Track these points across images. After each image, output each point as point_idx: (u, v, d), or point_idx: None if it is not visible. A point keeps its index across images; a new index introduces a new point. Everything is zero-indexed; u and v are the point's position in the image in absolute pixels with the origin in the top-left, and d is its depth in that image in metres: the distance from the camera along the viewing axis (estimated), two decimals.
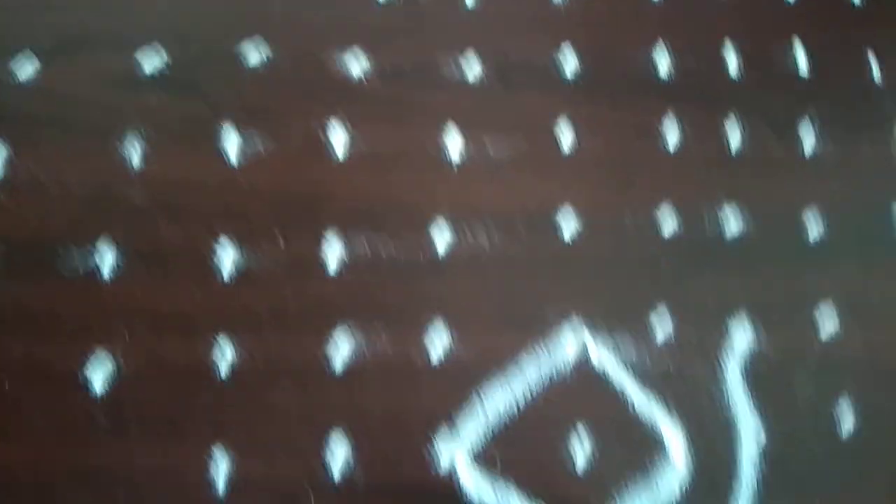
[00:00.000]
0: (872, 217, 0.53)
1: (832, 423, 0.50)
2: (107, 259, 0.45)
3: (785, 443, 0.48)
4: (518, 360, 0.47)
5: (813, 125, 0.54)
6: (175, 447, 0.43)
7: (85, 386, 0.43)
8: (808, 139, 0.54)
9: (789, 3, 0.55)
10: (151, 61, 0.47)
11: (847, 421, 0.50)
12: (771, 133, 0.53)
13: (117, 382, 0.44)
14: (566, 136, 0.51)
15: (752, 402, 0.48)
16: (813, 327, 0.51)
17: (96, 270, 0.45)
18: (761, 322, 0.50)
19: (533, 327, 0.48)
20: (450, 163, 0.50)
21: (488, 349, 0.47)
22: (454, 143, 0.50)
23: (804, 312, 0.51)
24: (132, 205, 0.46)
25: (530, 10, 0.52)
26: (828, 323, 0.51)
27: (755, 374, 0.49)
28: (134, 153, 0.46)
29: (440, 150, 0.50)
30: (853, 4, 0.56)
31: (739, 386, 0.48)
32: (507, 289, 0.48)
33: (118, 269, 0.45)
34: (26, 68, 0.45)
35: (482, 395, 0.46)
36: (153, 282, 0.45)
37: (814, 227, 0.52)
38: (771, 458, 0.48)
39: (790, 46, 0.54)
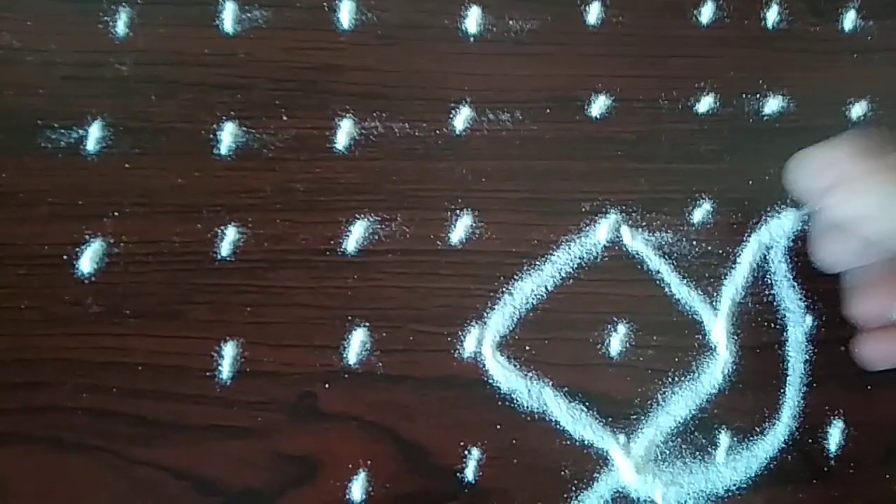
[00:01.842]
0: None
1: None
2: (93, 134, 0.41)
3: (833, 327, 0.44)
4: (547, 246, 0.44)
5: (854, 3, 0.50)
6: (175, 333, 0.40)
7: (72, 269, 0.40)
8: (850, 18, 0.50)
9: None
10: None
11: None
12: (809, 9, 0.50)
13: (111, 268, 0.40)
14: (593, 9, 0.47)
15: (797, 286, 0.45)
16: None
17: (82, 146, 0.41)
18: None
19: (562, 212, 0.44)
20: (467, 36, 0.46)
21: (515, 235, 0.44)
22: (471, 16, 0.46)
23: None
24: (123, 80, 0.42)
25: None
26: None
27: (800, 257, 0.45)
28: (120, 23, 0.43)
29: (456, 23, 0.46)
30: None
31: (784, 270, 0.45)
32: (533, 170, 0.45)
33: (106, 146, 0.41)
34: None
35: (509, 282, 0.43)
36: (145, 158, 0.41)
37: (857, 108, 0.49)
38: (819, 343, 0.44)
39: None
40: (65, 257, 0.40)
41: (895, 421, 0.45)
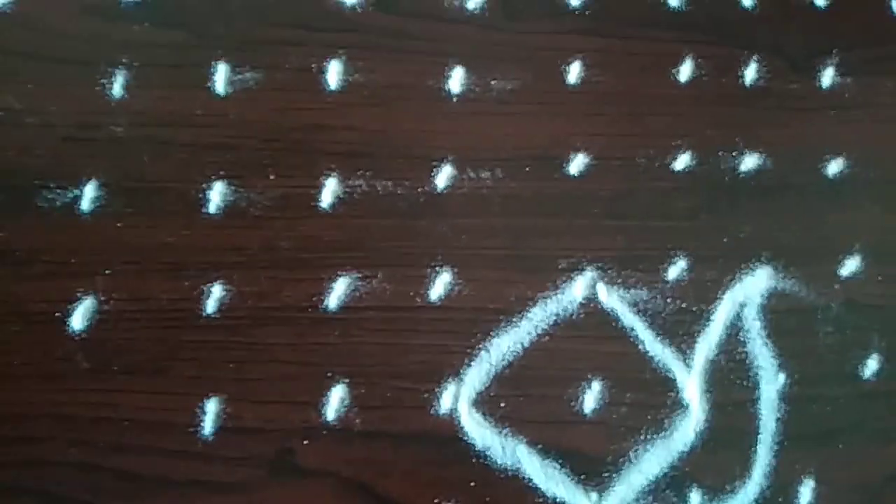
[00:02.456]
0: (894, 154, 0.51)
1: (854, 366, 0.47)
2: (90, 196, 0.43)
3: (805, 385, 0.45)
4: (523, 303, 0.45)
5: (832, 60, 0.51)
6: (161, 389, 0.41)
7: (65, 325, 0.41)
8: (828, 75, 0.51)
9: None
10: None
11: (870, 364, 0.47)
12: (788, 67, 0.51)
13: (99, 322, 0.42)
14: (574, 69, 0.49)
15: (770, 344, 0.46)
16: (834, 269, 0.48)
17: (79, 208, 0.43)
18: (779, 261, 0.48)
19: (539, 269, 0.46)
20: (450, 96, 0.47)
21: (492, 291, 0.45)
22: (456, 79, 0.47)
23: (825, 254, 0.48)
24: (115, 138, 0.44)
25: None
26: (849, 265, 0.48)
27: (774, 317, 0.46)
28: (117, 85, 0.44)
29: (440, 84, 0.47)
30: None
31: (757, 328, 0.46)
32: (511, 227, 0.46)
33: (100, 205, 0.43)
34: None
35: (486, 339, 0.44)
36: (137, 217, 0.43)
37: (834, 167, 0.50)
38: (791, 403, 0.45)
39: None
40: (58, 314, 0.41)
41: (865, 480, 0.46)
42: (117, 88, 0.44)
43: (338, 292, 0.44)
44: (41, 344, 0.41)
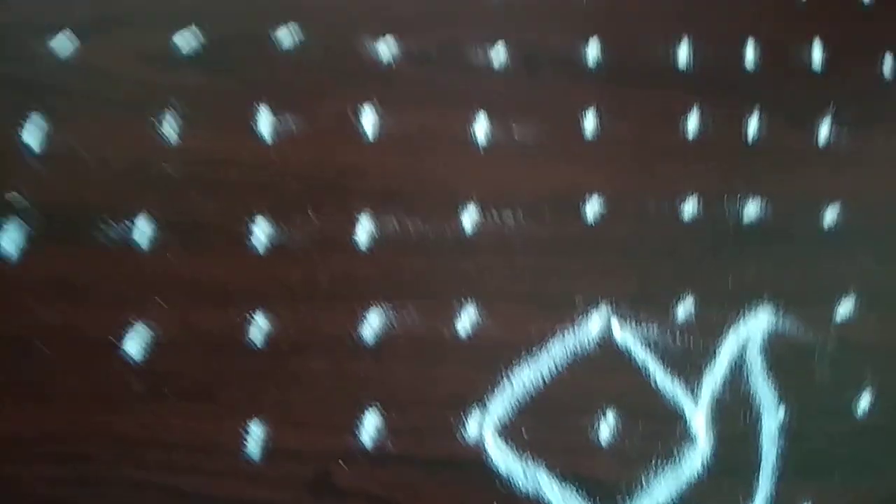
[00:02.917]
0: (886, 206, 0.55)
1: (849, 402, 0.51)
2: (143, 230, 0.46)
3: (804, 421, 0.49)
4: (543, 337, 0.48)
5: (828, 117, 0.55)
6: (210, 416, 0.44)
7: (121, 353, 0.44)
8: (824, 130, 0.55)
9: (805, 1, 0.57)
10: (188, 42, 0.48)
11: (863, 401, 0.51)
12: (787, 124, 0.55)
13: (153, 351, 0.44)
14: (590, 123, 0.52)
15: (771, 381, 0.49)
16: (830, 311, 0.52)
17: (133, 241, 0.46)
18: (780, 305, 0.51)
19: (558, 306, 0.49)
20: (477, 146, 0.51)
21: (514, 326, 0.48)
22: (481, 127, 0.51)
23: (821, 297, 0.52)
24: (168, 179, 0.47)
25: (557, 1, 0.53)
26: (844, 307, 0.52)
27: (774, 354, 0.50)
28: (170, 129, 0.47)
29: (467, 134, 0.51)
30: (864, 3, 0.58)
31: (759, 365, 0.49)
32: (532, 268, 0.49)
33: (154, 241, 0.46)
34: (66, 46, 0.46)
35: (509, 370, 0.47)
36: (188, 253, 0.46)
37: (829, 216, 0.54)
38: (791, 436, 0.49)
39: (806, 42, 0.56)
40: (112, 341, 0.44)
41: None
42: (168, 130, 0.47)
43: (371, 324, 0.47)
44: (96, 368, 0.44)
